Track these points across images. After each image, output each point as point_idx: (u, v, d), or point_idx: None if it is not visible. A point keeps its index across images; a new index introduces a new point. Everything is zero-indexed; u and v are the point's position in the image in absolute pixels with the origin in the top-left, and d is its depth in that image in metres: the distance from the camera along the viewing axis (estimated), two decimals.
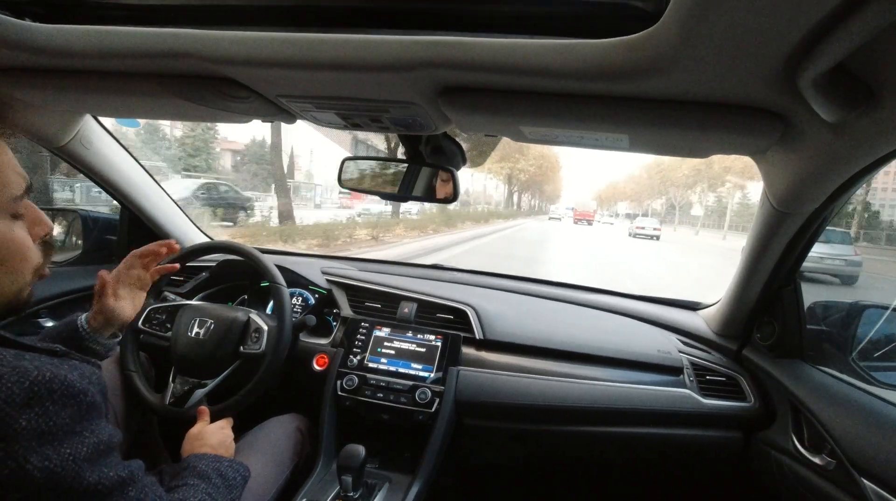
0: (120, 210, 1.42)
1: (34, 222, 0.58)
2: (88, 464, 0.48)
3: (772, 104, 0.58)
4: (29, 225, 0.57)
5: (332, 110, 0.80)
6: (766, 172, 0.80)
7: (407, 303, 1.25)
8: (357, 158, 1.06)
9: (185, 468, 0.74)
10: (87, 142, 1.16)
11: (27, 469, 0.44)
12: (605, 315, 1.33)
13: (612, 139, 0.73)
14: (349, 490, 0.87)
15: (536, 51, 0.53)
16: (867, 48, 0.41)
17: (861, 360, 0.94)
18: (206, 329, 1.07)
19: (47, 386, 0.46)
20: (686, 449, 1.12)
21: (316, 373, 1.17)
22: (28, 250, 0.56)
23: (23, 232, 0.55)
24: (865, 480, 0.75)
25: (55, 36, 0.66)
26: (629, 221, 37.47)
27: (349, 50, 0.59)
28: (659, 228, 22.69)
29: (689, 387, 1.10)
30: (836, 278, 7.91)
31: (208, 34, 0.61)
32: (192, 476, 0.71)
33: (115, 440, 0.54)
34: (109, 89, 0.80)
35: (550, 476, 1.35)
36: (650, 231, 21.38)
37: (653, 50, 0.48)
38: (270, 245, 5.23)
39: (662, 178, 42.31)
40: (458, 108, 0.68)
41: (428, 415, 1.07)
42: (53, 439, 0.46)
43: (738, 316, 1.12)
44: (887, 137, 0.58)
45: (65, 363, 0.52)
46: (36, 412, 0.45)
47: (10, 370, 0.45)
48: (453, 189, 0.97)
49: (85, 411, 0.50)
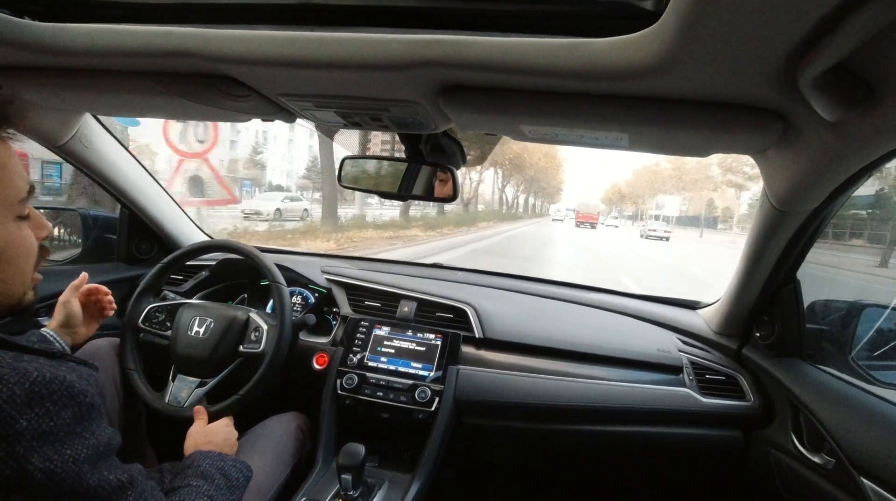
0: (119, 209, 1.42)
1: (35, 226, 0.59)
2: (89, 466, 0.48)
3: (772, 103, 0.58)
4: (31, 228, 0.58)
5: (333, 109, 0.80)
6: (765, 172, 0.80)
7: (407, 302, 1.25)
8: (356, 158, 1.06)
9: (189, 466, 0.74)
10: (87, 141, 1.16)
11: (28, 469, 0.44)
12: (605, 314, 1.33)
13: (612, 138, 0.73)
14: (349, 488, 0.87)
15: (536, 50, 0.53)
16: (867, 47, 0.41)
17: (860, 359, 0.94)
18: (206, 328, 1.07)
19: (48, 387, 0.46)
20: (686, 448, 1.12)
21: (316, 372, 1.17)
22: (33, 249, 0.57)
23: (29, 233, 0.57)
24: (865, 479, 0.75)
25: (54, 34, 0.66)
26: (635, 223, 37.54)
27: (350, 49, 0.59)
28: (669, 230, 26.01)
29: (688, 386, 1.10)
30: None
31: (208, 33, 0.61)
32: (194, 476, 0.71)
33: (115, 442, 0.54)
34: (109, 88, 0.80)
35: (550, 475, 1.35)
36: (661, 233, 24.45)
37: (652, 49, 0.48)
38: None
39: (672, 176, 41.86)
40: (459, 106, 0.68)
41: (427, 414, 1.07)
42: (55, 439, 0.46)
43: (738, 315, 1.12)
44: (887, 136, 0.58)
45: (63, 365, 0.52)
46: (37, 412, 0.45)
47: (10, 371, 0.45)
48: (453, 188, 0.98)
49: (85, 412, 0.50)
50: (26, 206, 0.56)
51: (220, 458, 0.78)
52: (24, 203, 0.55)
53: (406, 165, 0.99)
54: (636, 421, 1.09)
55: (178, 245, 1.47)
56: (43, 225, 0.60)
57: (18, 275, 0.55)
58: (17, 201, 0.54)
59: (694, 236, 30.06)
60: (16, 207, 0.54)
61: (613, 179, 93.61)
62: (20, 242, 0.55)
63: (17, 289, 0.55)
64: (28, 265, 0.56)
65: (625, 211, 69.66)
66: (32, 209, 0.59)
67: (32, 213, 0.59)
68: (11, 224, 0.54)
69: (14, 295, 0.55)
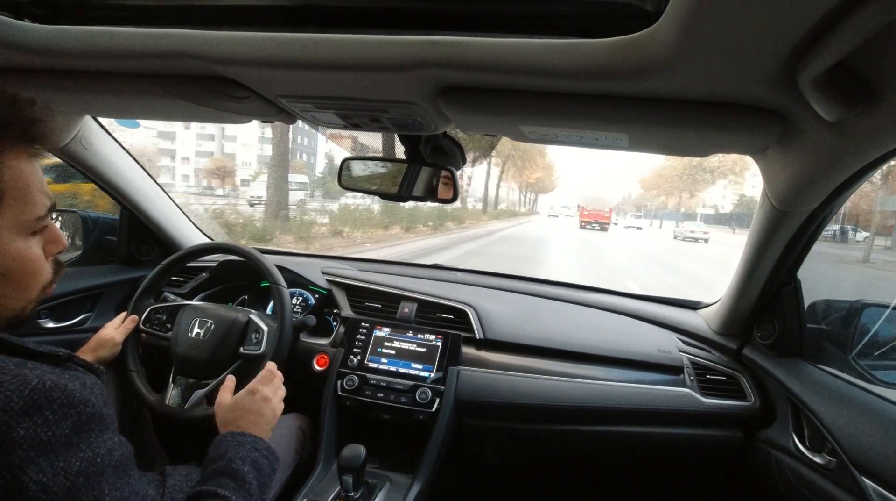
0: (120, 211, 1.42)
1: (50, 241, 0.58)
2: (84, 480, 0.46)
3: (771, 103, 0.58)
4: (45, 243, 0.57)
5: (332, 110, 0.80)
6: (765, 171, 0.80)
7: (407, 303, 1.25)
8: (356, 159, 1.06)
9: (220, 457, 0.67)
10: (87, 143, 1.16)
11: (23, 480, 0.42)
12: (605, 315, 1.33)
13: (612, 138, 0.73)
14: (350, 489, 0.87)
15: (536, 50, 0.53)
16: (867, 47, 0.41)
17: (861, 358, 0.94)
18: (207, 330, 1.07)
19: (47, 395, 0.45)
20: (686, 448, 1.12)
21: (316, 373, 1.17)
22: (41, 267, 0.56)
23: (38, 249, 0.56)
24: (866, 479, 0.75)
25: (54, 37, 0.66)
26: (673, 223, 32.19)
27: (349, 50, 0.59)
28: (707, 231, 22.31)
29: (689, 386, 1.10)
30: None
31: (208, 34, 0.61)
32: (225, 477, 0.64)
33: (118, 454, 0.51)
34: (109, 90, 0.80)
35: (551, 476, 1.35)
36: (699, 234, 21.15)
37: (652, 49, 0.49)
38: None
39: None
40: (458, 107, 0.68)
41: (428, 415, 1.07)
42: (51, 450, 0.44)
43: (739, 315, 1.12)
44: (887, 136, 0.58)
45: (67, 372, 0.51)
46: (35, 421, 0.44)
47: (11, 378, 0.44)
48: (453, 189, 0.97)
49: (85, 422, 0.48)
50: (44, 222, 0.55)
51: (253, 446, 0.70)
52: (41, 220, 0.55)
53: (406, 165, 0.99)
54: (637, 422, 1.09)
55: (178, 247, 1.47)
56: (58, 239, 0.59)
57: (22, 293, 0.54)
58: (33, 219, 0.53)
59: (728, 237, 24.69)
60: (32, 224, 0.53)
61: (639, 168, 78.78)
62: (28, 260, 0.54)
63: (17, 306, 0.54)
64: (34, 283, 0.55)
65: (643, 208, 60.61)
66: (51, 223, 0.58)
67: (51, 229, 0.58)
68: (22, 242, 0.53)
69: (14, 310, 0.54)
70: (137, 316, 1.11)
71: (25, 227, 0.53)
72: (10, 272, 0.52)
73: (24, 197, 0.52)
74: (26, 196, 0.52)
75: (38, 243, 0.56)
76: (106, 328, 1.05)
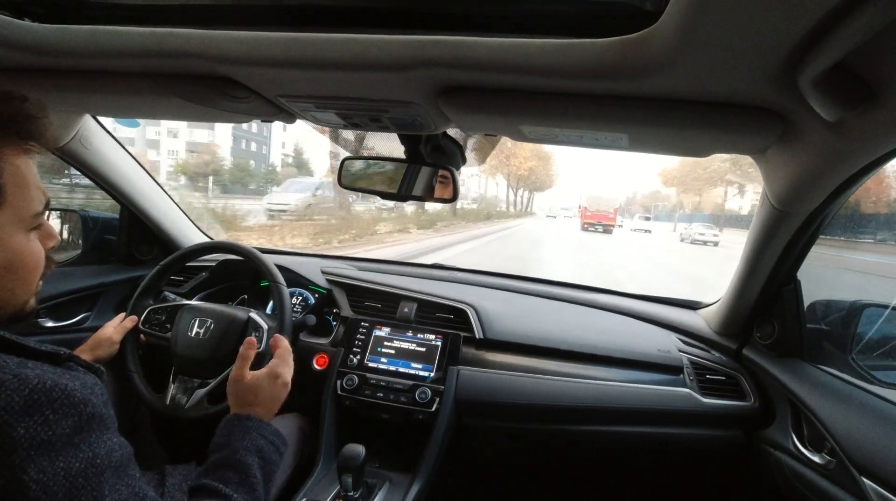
0: (120, 210, 1.42)
1: (45, 236, 0.59)
2: (83, 480, 0.46)
3: (771, 103, 0.58)
4: (40, 238, 0.59)
5: (332, 110, 0.80)
6: (765, 172, 0.80)
7: (407, 303, 1.25)
8: (356, 158, 1.06)
9: (225, 445, 0.67)
10: (87, 142, 1.16)
11: (24, 480, 0.42)
12: (605, 314, 1.33)
13: (612, 138, 0.73)
14: (349, 489, 0.87)
15: (536, 50, 0.53)
16: (867, 47, 0.41)
17: (861, 359, 0.94)
18: (206, 329, 1.06)
19: (48, 395, 0.45)
20: (686, 448, 1.12)
21: (316, 373, 1.17)
22: (41, 262, 0.58)
23: (37, 244, 0.57)
24: (865, 479, 0.75)
25: (55, 36, 0.66)
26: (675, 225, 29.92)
27: (349, 50, 0.59)
28: (718, 233, 20.68)
29: (689, 386, 1.10)
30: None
31: (208, 34, 0.61)
32: (229, 470, 0.65)
33: (116, 455, 0.51)
34: (109, 89, 0.80)
35: (550, 475, 1.35)
36: (709, 237, 19.84)
37: (652, 49, 0.48)
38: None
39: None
40: (458, 107, 0.68)
41: (428, 415, 1.07)
42: (51, 450, 0.44)
43: (738, 315, 1.12)
44: (887, 136, 0.58)
45: (67, 372, 0.51)
46: (35, 420, 0.44)
47: (11, 378, 0.44)
48: (453, 188, 0.98)
49: (85, 422, 0.48)
50: (41, 218, 0.57)
51: (259, 432, 0.70)
52: (39, 216, 0.56)
53: (406, 165, 0.99)
54: (636, 422, 1.09)
55: (178, 246, 1.47)
56: (52, 235, 0.61)
57: (24, 286, 0.56)
58: (32, 215, 0.55)
59: (736, 237, 22.33)
60: (30, 220, 0.55)
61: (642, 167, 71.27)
62: (29, 254, 0.55)
63: (21, 299, 0.56)
64: (34, 277, 0.57)
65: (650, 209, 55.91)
66: (46, 221, 0.59)
67: (45, 225, 0.59)
68: (23, 237, 0.55)
69: (17, 304, 0.56)
70: (137, 316, 1.11)
71: (25, 223, 0.54)
72: (13, 266, 0.54)
73: (23, 193, 0.53)
74: (25, 193, 0.54)
75: (36, 238, 0.57)
76: (105, 327, 1.05)
